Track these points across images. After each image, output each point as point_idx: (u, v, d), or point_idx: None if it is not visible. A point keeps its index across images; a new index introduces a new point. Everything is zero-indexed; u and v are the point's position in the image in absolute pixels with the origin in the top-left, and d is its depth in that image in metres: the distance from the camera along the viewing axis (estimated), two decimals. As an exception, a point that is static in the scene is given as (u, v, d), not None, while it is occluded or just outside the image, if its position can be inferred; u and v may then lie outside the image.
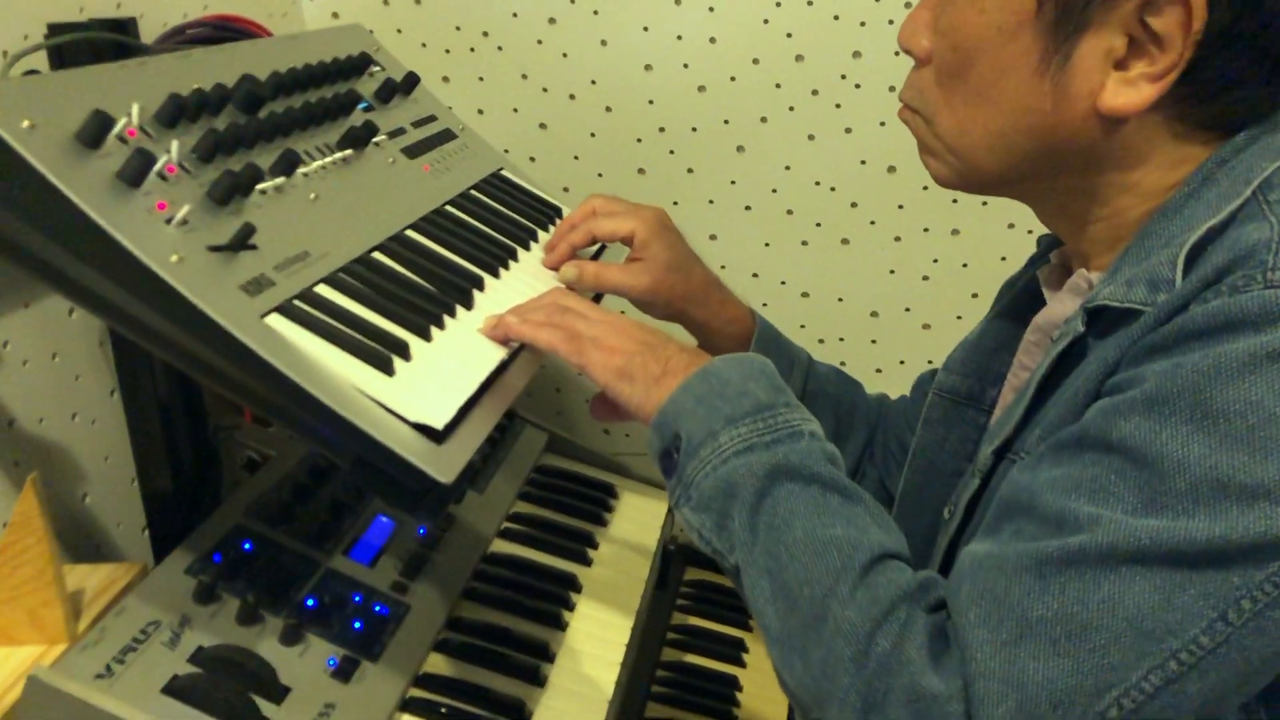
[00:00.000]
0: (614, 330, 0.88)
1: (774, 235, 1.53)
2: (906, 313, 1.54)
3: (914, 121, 0.86)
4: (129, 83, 0.82)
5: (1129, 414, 0.65)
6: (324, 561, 1.00)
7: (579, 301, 0.93)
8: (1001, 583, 0.65)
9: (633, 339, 0.87)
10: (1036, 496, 0.67)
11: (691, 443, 0.79)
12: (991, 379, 0.96)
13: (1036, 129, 0.77)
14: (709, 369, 0.82)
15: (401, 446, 0.71)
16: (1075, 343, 0.75)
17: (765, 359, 0.85)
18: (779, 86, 1.46)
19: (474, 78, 1.51)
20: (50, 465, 1.06)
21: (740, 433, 0.78)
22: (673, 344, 0.88)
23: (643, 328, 0.89)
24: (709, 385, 0.81)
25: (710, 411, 0.80)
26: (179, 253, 0.72)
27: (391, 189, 1.00)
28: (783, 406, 0.80)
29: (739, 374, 0.82)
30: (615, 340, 0.87)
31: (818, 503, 0.75)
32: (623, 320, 0.90)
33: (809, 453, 0.77)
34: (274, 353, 0.71)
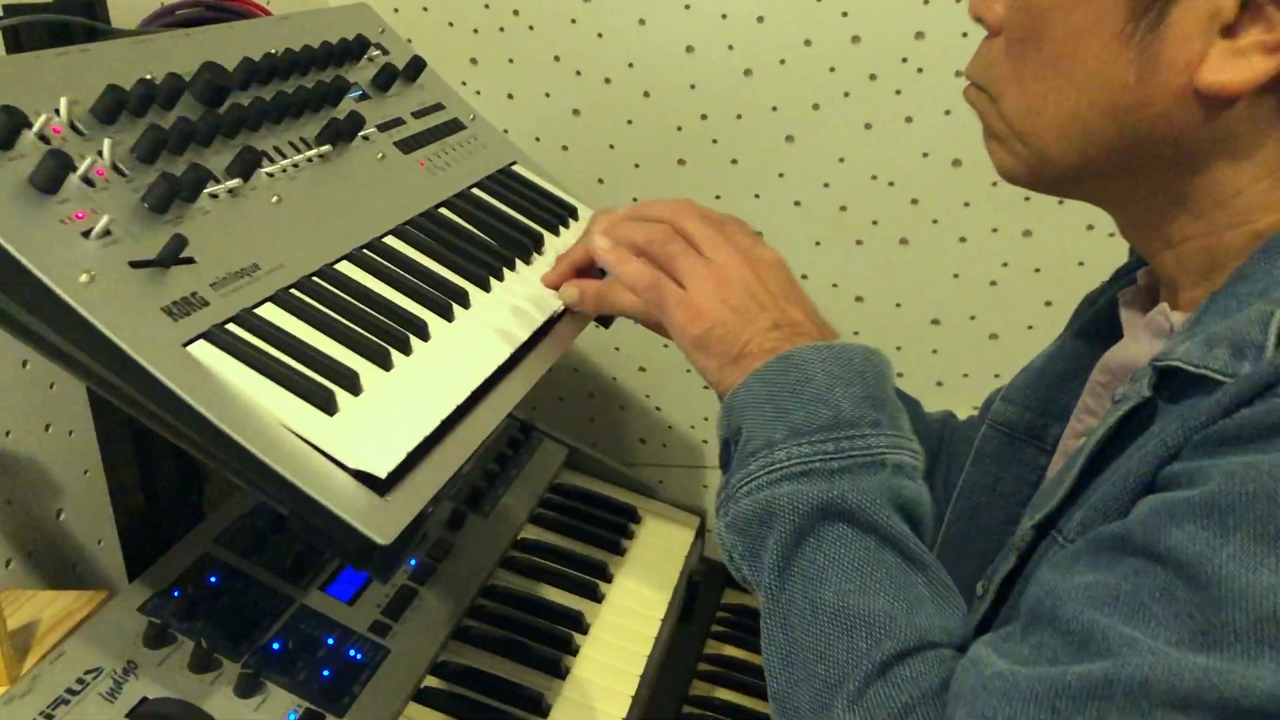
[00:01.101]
0: (714, 284, 0.76)
1: (825, 233, 1.40)
2: (971, 321, 1.40)
3: (980, 101, 0.72)
4: (65, 73, 0.73)
5: (1185, 518, 0.52)
6: (297, 598, 0.91)
7: (706, 226, 0.81)
8: (1004, 712, 0.53)
9: (727, 301, 0.76)
10: (1063, 605, 0.55)
11: (748, 446, 0.69)
12: (1056, 413, 0.83)
13: (1117, 109, 0.63)
14: (793, 357, 0.70)
15: (332, 499, 0.61)
16: (1141, 406, 0.62)
17: (877, 353, 0.73)
18: (833, 70, 1.33)
19: (503, 59, 1.41)
20: (20, 481, 0.99)
21: (802, 450, 0.67)
22: (775, 314, 0.75)
23: (758, 284, 0.77)
24: (787, 379, 0.70)
25: (777, 413, 0.69)
26: (90, 270, 0.63)
27: (375, 189, 0.90)
28: (869, 426, 0.68)
29: (827, 372, 0.70)
30: (706, 299, 0.76)
31: (866, 560, 0.64)
32: (736, 270, 0.77)
33: (877, 493, 0.65)
34: (188, 386, 0.61)
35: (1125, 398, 0.63)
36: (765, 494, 0.67)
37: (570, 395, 1.54)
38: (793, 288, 0.80)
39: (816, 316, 0.79)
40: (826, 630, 0.63)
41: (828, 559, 0.65)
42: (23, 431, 0.99)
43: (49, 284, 0.61)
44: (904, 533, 0.65)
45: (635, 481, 1.26)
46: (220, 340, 0.66)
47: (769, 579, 0.66)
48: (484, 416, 0.75)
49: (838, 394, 0.69)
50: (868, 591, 0.63)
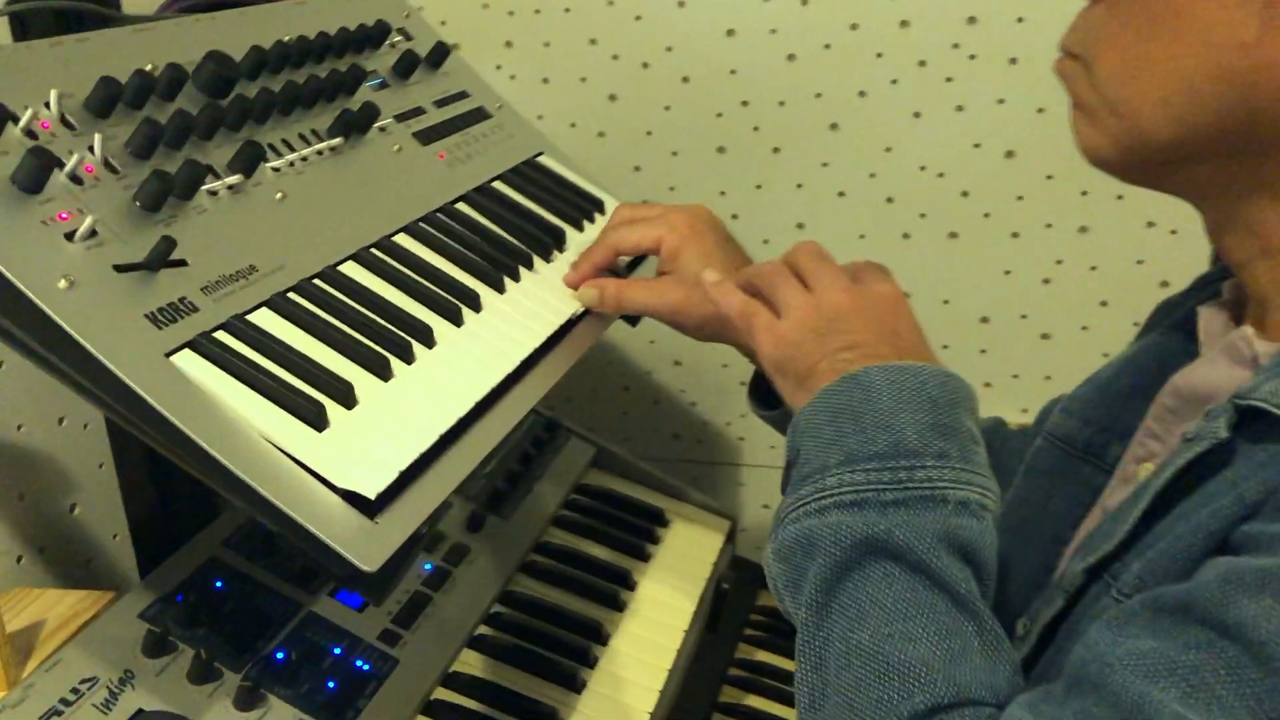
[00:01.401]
0: (806, 311, 0.73)
1: (871, 226, 1.34)
2: (1023, 320, 1.34)
3: (1072, 71, 0.65)
4: (59, 64, 0.70)
5: (1260, 590, 0.47)
6: (305, 604, 0.88)
7: (818, 260, 0.77)
8: None
9: (808, 326, 0.72)
10: (1113, 672, 0.50)
11: (803, 470, 0.66)
12: (1119, 431, 0.77)
13: (1230, 74, 0.57)
14: (860, 377, 0.66)
15: (316, 522, 0.58)
16: (1216, 449, 0.56)
17: (958, 379, 0.68)
18: (880, 56, 1.27)
19: (539, 43, 1.37)
20: (33, 475, 0.98)
21: (855, 478, 0.63)
22: (856, 336, 0.71)
23: (853, 311, 0.73)
24: (849, 399, 0.66)
25: (835, 437, 0.65)
26: (70, 274, 0.60)
27: (389, 183, 0.87)
28: (934, 458, 0.62)
29: (894, 395, 0.65)
30: (792, 324, 0.73)
31: (911, 603, 0.59)
32: (833, 297, 0.73)
33: (930, 531, 0.60)
34: (167, 399, 0.58)
35: (1199, 436, 0.57)
36: (811, 521, 0.63)
37: (603, 388, 1.50)
38: (898, 319, 0.75)
39: (917, 347, 0.74)
40: (860, 675, 0.59)
41: (870, 598, 0.60)
42: (35, 425, 0.97)
43: (22, 288, 0.58)
44: (956, 576, 0.60)
45: (665, 483, 1.22)
46: (206, 349, 0.63)
47: (806, 614, 0.62)
48: (488, 429, 0.71)
49: (902, 420, 0.63)
50: (909, 637, 0.58)
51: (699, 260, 0.87)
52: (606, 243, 0.89)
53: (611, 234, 0.89)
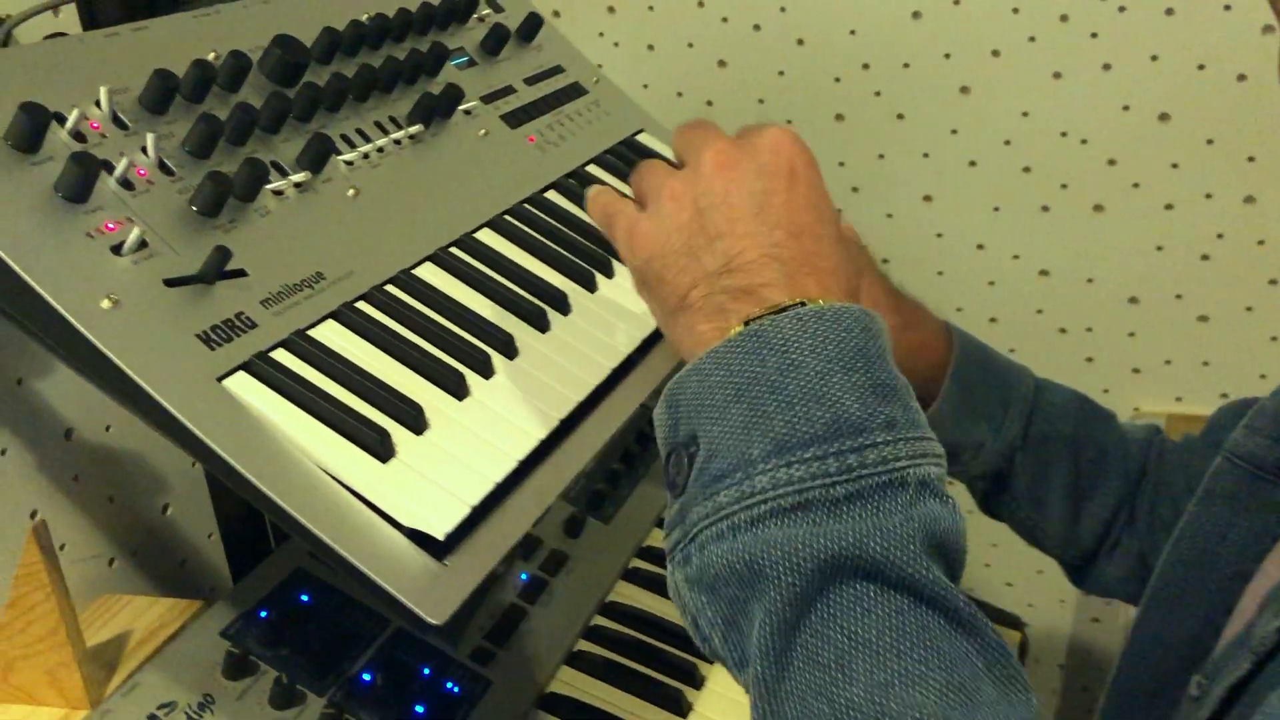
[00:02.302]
0: (666, 201, 0.57)
1: (1006, 198, 1.23)
2: (1177, 300, 1.21)
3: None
4: (112, 57, 0.65)
5: None
6: (393, 619, 0.84)
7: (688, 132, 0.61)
8: None
9: (671, 221, 0.56)
10: None
11: (712, 465, 0.50)
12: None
13: None
14: (767, 335, 0.50)
15: (379, 569, 0.52)
16: None
17: (873, 315, 0.52)
18: (1016, 11, 1.15)
19: (643, 7, 1.28)
20: (123, 477, 0.95)
21: (794, 474, 0.47)
22: (738, 240, 0.54)
23: (723, 196, 0.55)
24: (760, 365, 0.50)
25: (751, 418, 0.49)
26: (114, 293, 0.55)
27: (473, 173, 0.80)
28: (883, 429, 0.48)
29: (819, 352, 0.49)
30: (651, 222, 0.57)
31: (903, 632, 0.45)
32: (698, 182, 0.56)
33: (905, 530, 0.46)
34: (216, 429, 0.53)
35: None
36: (745, 539, 0.47)
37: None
38: (793, 193, 0.55)
39: (822, 248, 0.54)
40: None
41: (849, 637, 0.45)
42: (125, 425, 0.94)
43: (62, 311, 0.53)
44: (947, 585, 0.47)
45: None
46: (261, 371, 0.57)
47: (761, 666, 0.47)
48: (574, 451, 0.65)
49: (835, 384, 0.49)
50: (910, 679, 0.45)
51: None
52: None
53: None
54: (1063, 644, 1.39)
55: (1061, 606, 1.36)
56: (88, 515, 0.91)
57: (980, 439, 0.82)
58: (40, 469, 0.87)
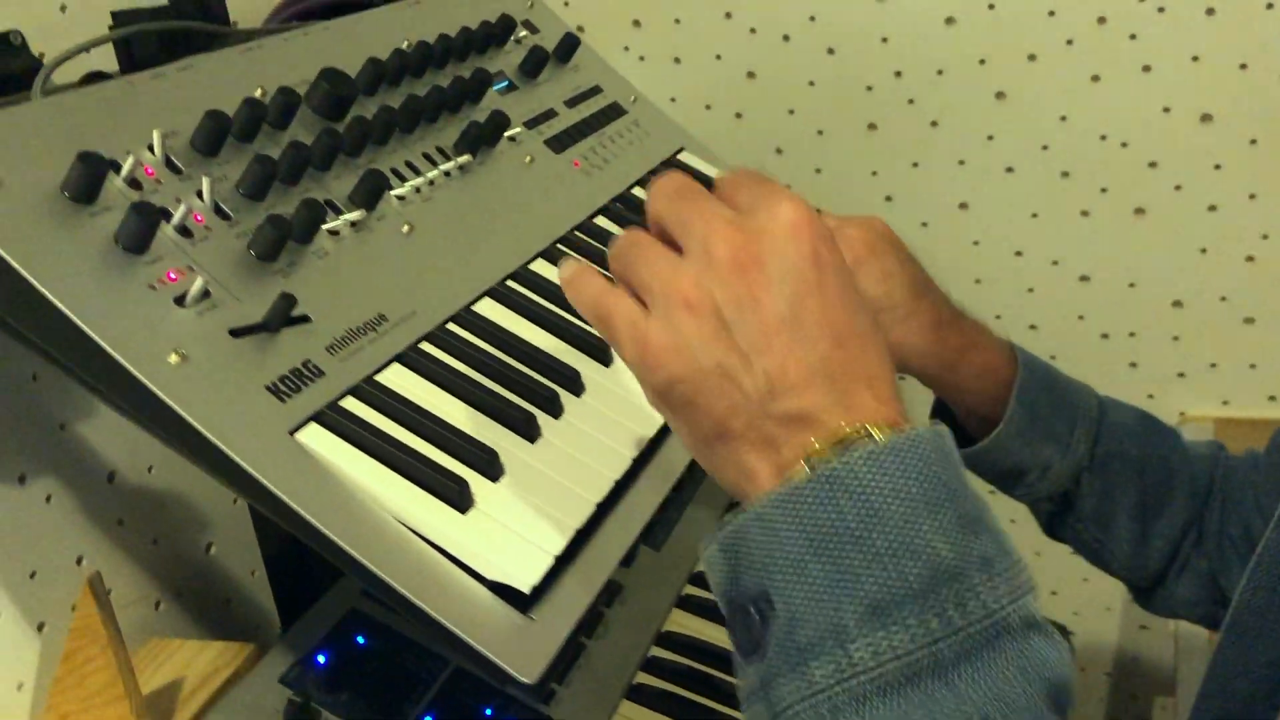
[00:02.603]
0: (677, 303, 0.49)
1: (1044, 204, 1.22)
2: (1222, 303, 1.19)
3: None
4: (161, 99, 0.63)
5: None
6: (452, 658, 0.82)
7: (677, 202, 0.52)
8: None
9: (697, 335, 0.49)
10: None
11: (798, 634, 0.44)
12: None
13: None
14: (838, 477, 0.45)
15: (467, 627, 0.50)
16: None
17: (941, 433, 0.47)
18: (1052, 15, 1.13)
19: (669, 20, 1.27)
20: (167, 518, 0.93)
21: (895, 641, 0.43)
22: (778, 356, 0.48)
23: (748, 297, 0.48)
24: (838, 516, 0.44)
25: (836, 578, 0.44)
26: (182, 347, 0.53)
27: (522, 201, 0.78)
28: (979, 569, 0.44)
29: (900, 492, 0.44)
30: (661, 329, 0.50)
31: None
32: (713, 274, 0.49)
33: (1020, 690, 0.42)
34: (296, 488, 0.51)
35: None
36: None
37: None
38: (812, 278, 0.49)
39: (867, 352, 0.49)
40: None
41: None
42: (167, 465, 0.93)
43: (134, 372, 0.51)
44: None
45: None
46: (333, 422, 0.55)
47: None
48: (650, 486, 0.63)
49: (924, 529, 0.44)
50: None
51: (878, 281, 0.76)
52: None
53: None
54: (1110, 652, 1.37)
55: (1108, 614, 1.34)
56: (133, 559, 0.90)
57: (1047, 460, 0.80)
58: (85, 514, 0.85)
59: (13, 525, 0.78)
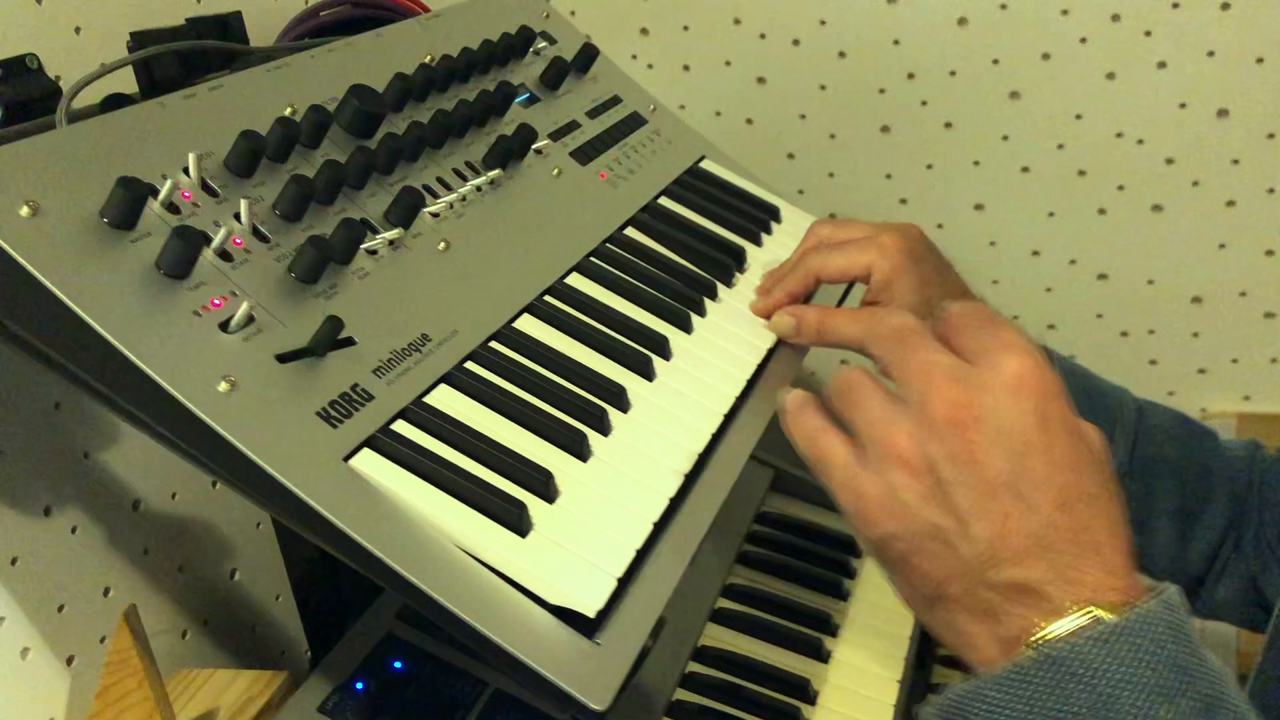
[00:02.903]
0: (889, 456, 0.49)
1: (1060, 203, 1.21)
2: (1241, 298, 1.19)
3: None
4: (193, 120, 0.62)
5: None
6: (490, 680, 0.80)
7: (894, 344, 0.53)
8: None
9: (919, 500, 0.48)
10: None
11: None
12: None
13: None
14: (1064, 661, 0.44)
15: (536, 655, 0.49)
16: None
17: (1174, 606, 0.45)
18: (1066, 13, 1.13)
19: (677, 27, 1.26)
20: (191, 545, 0.92)
21: None
22: (997, 526, 0.46)
23: (966, 455, 0.47)
24: (1064, 700, 0.43)
25: None
26: (231, 375, 0.52)
27: (552, 215, 0.77)
28: None
29: (1133, 682, 0.43)
30: (871, 481, 0.49)
31: None
32: (929, 427, 0.48)
33: None
34: (355, 517, 0.50)
35: None
36: None
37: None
38: (1038, 440, 0.47)
39: (1095, 518, 0.47)
40: None
41: None
42: (190, 491, 0.91)
43: (183, 400, 0.50)
44: None
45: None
46: (387, 447, 0.54)
47: None
48: (702, 501, 0.62)
49: (1163, 715, 0.43)
50: None
51: (916, 290, 0.76)
52: (806, 269, 0.78)
53: (812, 258, 0.78)
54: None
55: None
56: (159, 588, 0.88)
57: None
58: (111, 544, 0.84)
59: (40, 558, 0.77)
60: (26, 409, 0.77)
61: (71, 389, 0.79)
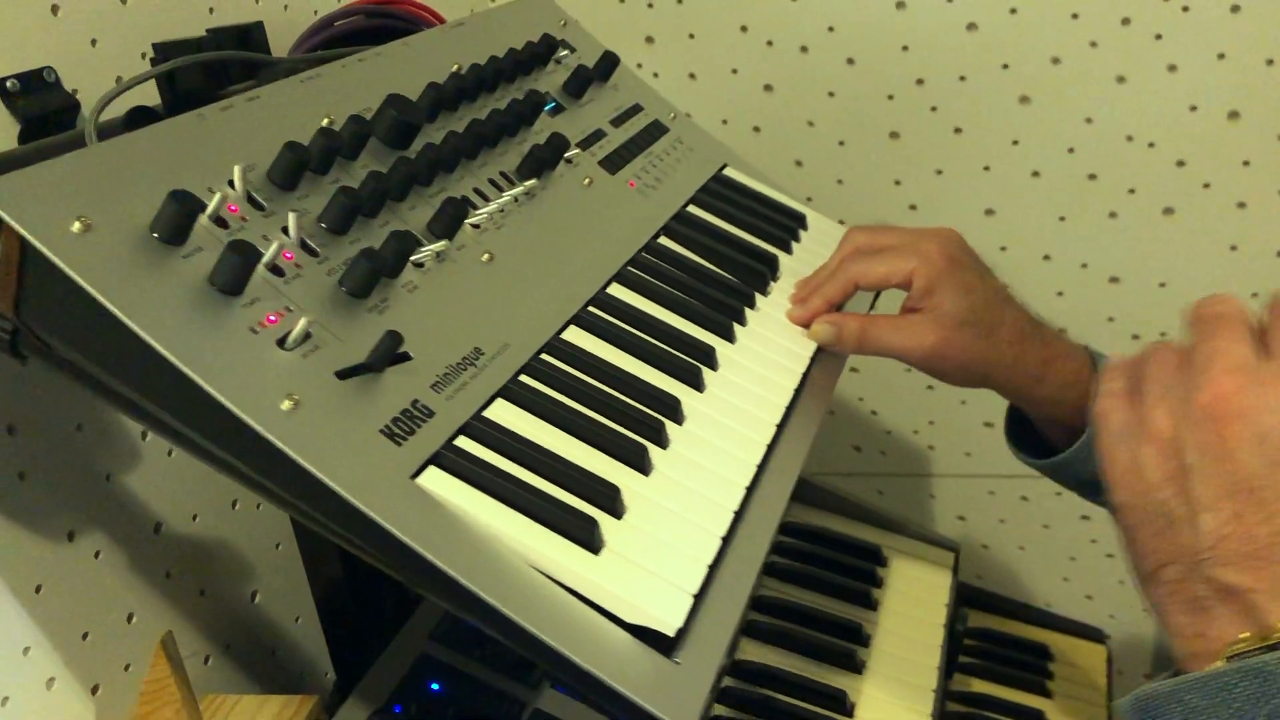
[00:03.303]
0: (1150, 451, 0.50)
1: (1071, 207, 1.21)
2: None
3: None
4: (233, 131, 0.60)
5: None
6: (529, 700, 0.79)
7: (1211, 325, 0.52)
8: None
9: (1160, 479, 0.49)
10: None
11: None
12: None
13: None
14: (1272, 674, 0.44)
15: (619, 677, 0.48)
16: None
17: None
18: (1076, 17, 1.13)
19: (683, 35, 1.25)
20: (213, 568, 0.89)
21: None
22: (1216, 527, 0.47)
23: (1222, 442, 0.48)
24: (1260, 705, 0.44)
25: None
26: (294, 392, 0.50)
27: (587, 224, 0.76)
28: None
29: None
30: (1133, 461, 0.51)
31: None
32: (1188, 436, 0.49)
33: None
34: (430, 539, 0.48)
35: None
36: None
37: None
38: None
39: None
40: None
41: None
42: (210, 513, 0.89)
43: (248, 420, 0.48)
44: None
45: (873, 513, 1.10)
46: (453, 464, 0.52)
47: None
48: (762, 514, 0.61)
49: None
50: None
51: (959, 296, 0.75)
52: (846, 276, 0.77)
53: (852, 265, 0.77)
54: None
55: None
56: (181, 612, 0.86)
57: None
58: (134, 568, 0.81)
59: (64, 585, 0.75)
60: (49, 431, 0.74)
61: (97, 409, 0.77)
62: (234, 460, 0.51)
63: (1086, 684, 1.17)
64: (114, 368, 0.50)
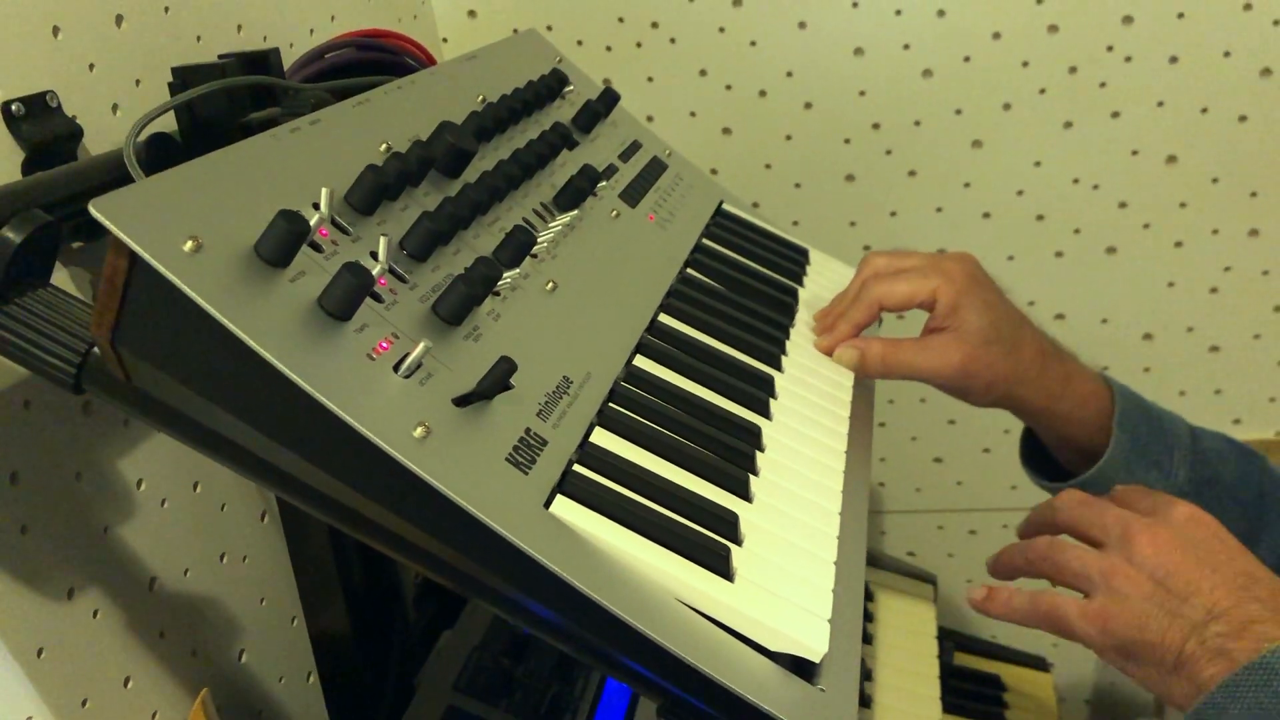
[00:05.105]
0: (1120, 579, 0.63)
1: (1020, 246, 1.26)
2: (1189, 333, 1.26)
3: None
4: (307, 155, 0.57)
5: None
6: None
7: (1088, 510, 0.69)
8: None
9: (1139, 596, 0.62)
10: None
11: None
12: None
13: None
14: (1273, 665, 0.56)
15: (782, 708, 0.46)
16: None
17: None
18: (1026, 65, 1.18)
19: (641, 78, 1.26)
20: (203, 625, 0.84)
21: None
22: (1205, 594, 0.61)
23: (1172, 565, 0.62)
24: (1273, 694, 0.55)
25: None
26: (423, 420, 0.48)
27: (624, 256, 0.75)
28: None
29: None
30: (1113, 602, 0.63)
31: None
32: (1141, 557, 0.63)
33: None
34: (579, 569, 0.46)
35: None
36: None
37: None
38: (1223, 547, 0.64)
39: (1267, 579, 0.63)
40: None
41: None
42: (200, 567, 0.83)
43: (389, 450, 0.45)
44: None
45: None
46: (581, 493, 0.51)
47: None
48: (853, 537, 0.60)
49: None
50: None
51: (982, 315, 0.77)
52: (870, 298, 0.78)
53: (874, 287, 0.78)
54: (1089, 681, 1.41)
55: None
56: (174, 674, 0.80)
57: (1151, 486, 0.82)
58: (130, 628, 0.76)
59: (64, 648, 0.69)
60: (50, 480, 0.69)
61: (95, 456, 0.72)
62: (357, 494, 0.48)
63: (1039, 711, 1.20)
64: (226, 398, 0.47)
